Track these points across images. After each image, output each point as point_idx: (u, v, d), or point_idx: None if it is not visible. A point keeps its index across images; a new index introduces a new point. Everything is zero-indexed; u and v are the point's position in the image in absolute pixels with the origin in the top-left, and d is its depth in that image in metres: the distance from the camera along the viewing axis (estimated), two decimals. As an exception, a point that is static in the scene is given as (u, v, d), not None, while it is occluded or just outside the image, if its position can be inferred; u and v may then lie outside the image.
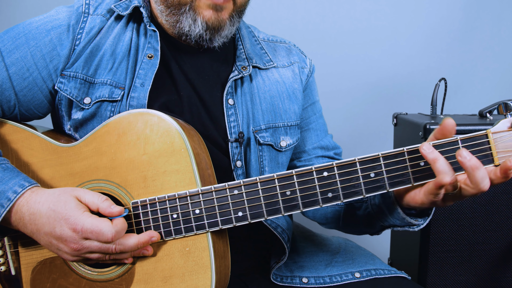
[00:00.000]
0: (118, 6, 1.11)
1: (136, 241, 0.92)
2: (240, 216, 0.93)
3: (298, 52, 1.30)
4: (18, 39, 1.06)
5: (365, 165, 0.90)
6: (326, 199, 0.91)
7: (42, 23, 1.07)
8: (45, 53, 1.06)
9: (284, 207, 0.92)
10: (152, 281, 0.96)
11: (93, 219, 0.89)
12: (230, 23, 1.08)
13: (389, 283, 1.05)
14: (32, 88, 1.07)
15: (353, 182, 0.90)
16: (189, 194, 0.94)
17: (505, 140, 0.87)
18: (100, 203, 0.91)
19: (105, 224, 0.89)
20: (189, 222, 0.94)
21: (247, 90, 1.16)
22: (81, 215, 0.89)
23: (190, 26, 1.05)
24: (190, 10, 1.04)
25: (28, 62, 1.05)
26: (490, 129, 0.88)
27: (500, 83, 2.38)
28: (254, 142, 1.13)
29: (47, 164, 1.02)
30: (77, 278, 1.00)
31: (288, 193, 0.92)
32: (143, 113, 0.98)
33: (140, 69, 1.08)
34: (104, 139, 1.00)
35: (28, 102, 1.08)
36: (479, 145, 0.87)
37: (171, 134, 0.96)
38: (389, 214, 1.02)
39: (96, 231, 0.88)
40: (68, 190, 0.93)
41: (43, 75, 1.06)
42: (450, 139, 0.88)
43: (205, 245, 0.94)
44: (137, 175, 0.97)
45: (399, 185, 0.90)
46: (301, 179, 0.91)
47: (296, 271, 1.11)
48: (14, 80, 1.05)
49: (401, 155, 0.89)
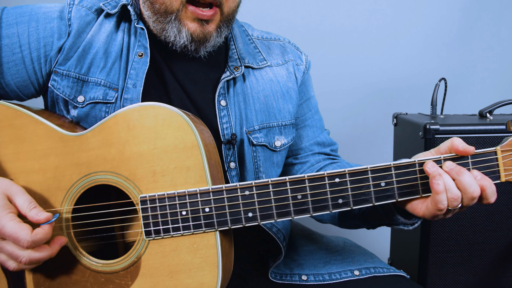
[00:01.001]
0: (107, 4, 1.10)
1: (49, 254, 0.92)
2: (250, 216, 0.94)
3: (293, 49, 1.28)
4: (21, 17, 1.08)
5: (376, 173, 0.92)
6: (336, 205, 0.93)
7: (50, 10, 1.09)
8: (41, 37, 1.07)
9: (294, 210, 0.93)
10: (158, 275, 0.96)
11: (14, 224, 0.87)
12: (217, 34, 1.07)
13: (388, 282, 1.08)
14: (18, 64, 1.07)
15: (364, 190, 0.92)
16: (200, 192, 0.94)
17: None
18: (28, 211, 0.90)
19: (24, 233, 0.87)
20: (199, 220, 0.95)
21: (240, 91, 1.15)
22: (4, 216, 0.88)
23: (176, 36, 1.05)
24: (176, 20, 1.03)
25: (23, 39, 1.07)
26: (499, 146, 0.90)
27: (500, 83, 2.40)
28: (247, 143, 1.13)
29: (53, 152, 1.00)
30: (81, 268, 0.99)
31: (299, 196, 0.93)
32: (155, 106, 0.97)
33: (132, 69, 1.08)
34: (113, 131, 0.98)
35: (11, 76, 1.08)
36: (487, 161, 0.90)
37: (183, 130, 0.95)
38: (385, 217, 1.04)
39: (14, 236, 0.87)
40: (3, 186, 0.92)
41: (33, 56, 1.07)
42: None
43: (213, 243, 0.95)
44: (146, 169, 0.96)
45: (408, 196, 0.92)
46: (312, 184, 0.93)
47: (295, 269, 1.14)
48: (4, 51, 1.06)
49: (411, 166, 0.91)
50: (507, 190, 1.62)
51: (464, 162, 0.90)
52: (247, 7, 1.13)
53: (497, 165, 0.90)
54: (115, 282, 0.98)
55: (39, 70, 1.08)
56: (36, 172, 1.00)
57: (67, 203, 0.99)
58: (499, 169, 0.90)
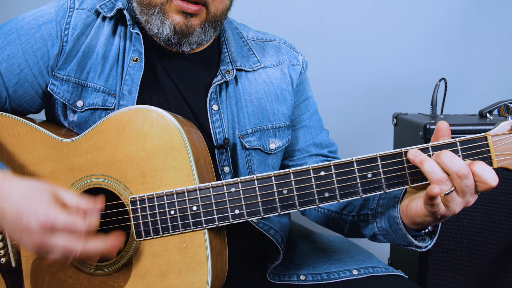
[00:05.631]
0: (104, 6, 1.11)
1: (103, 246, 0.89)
2: (236, 213, 0.94)
3: (288, 50, 1.26)
4: (10, 35, 1.08)
5: (362, 165, 0.90)
6: (323, 199, 0.91)
7: (33, 18, 1.08)
8: (36, 49, 1.07)
9: (280, 206, 0.92)
10: (149, 276, 0.96)
11: (65, 215, 0.85)
12: (202, 31, 1.07)
13: (386, 281, 1.05)
14: (23, 84, 1.08)
15: (350, 182, 0.90)
16: (187, 191, 0.95)
17: (505, 142, 0.86)
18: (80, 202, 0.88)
19: (78, 220, 0.86)
20: (187, 219, 0.95)
21: (232, 94, 1.14)
22: (53, 209, 0.85)
23: (159, 28, 1.05)
24: (159, 13, 1.04)
25: (19, 58, 1.07)
26: (490, 131, 0.87)
27: (500, 83, 2.38)
28: (240, 147, 1.13)
29: (48, 158, 1.03)
30: (76, 271, 1.01)
31: (285, 191, 0.92)
32: (143, 109, 0.99)
33: (127, 75, 1.08)
34: (104, 135, 1.00)
35: (19, 98, 1.10)
36: (478, 147, 0.87)
37: (170, 131, 0.97)
38: (396, 238, 1.00)
39: (70, 225, 0.84)
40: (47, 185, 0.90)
41: (34, 71, 1.08)
42: (449, 141, 0.87)
43: (201, 242, 0.95)
44: (136, 171, 0.98)
45: (396, 186, 0.89)
46: (298, 178, 0.91)
47: (293, 269, 1.11)
48: (5, 76, 1.07)
49: (399, 155, 0.89)
50: (507, 190, 1.61)
51: (454, 149, 0.87)
52: (247, 7, 1.14)
53: (488, 150, 0.86)
54: (108, 284, 0.99)
55: (43, 83, 1.09)
56: (32, 178, 1.03)
57: (62, 207, 1.02)
58: (491, 155, 0.86)
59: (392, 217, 0.96)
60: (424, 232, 0.98)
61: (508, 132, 0.86)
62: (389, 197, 0.99)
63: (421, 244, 0.97)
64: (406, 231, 0.95)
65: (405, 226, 0.95)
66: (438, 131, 0.89)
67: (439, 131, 0.89)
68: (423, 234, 0.99)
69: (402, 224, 0.95)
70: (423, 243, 0.98)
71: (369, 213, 1.04)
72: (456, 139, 0.87)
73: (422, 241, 0.98)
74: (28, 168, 1.03)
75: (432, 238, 0.98)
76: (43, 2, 1.13)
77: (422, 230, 0.98)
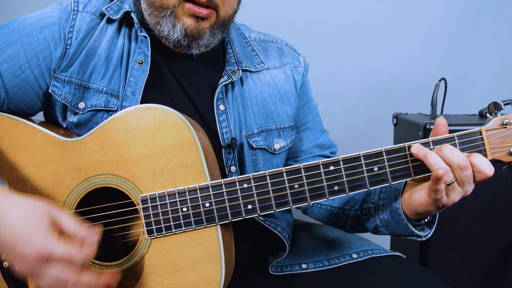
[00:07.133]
0: (109, 9, 1.10)
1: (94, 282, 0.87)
2: (249, 208, 0.97)
3: (290, 52, 1.29)
4: (11, 36, 1.06)
5: (369, 159, 0.95)
6: (333, 192, 0.96)
7: (36, 19, 1.07)
8: (38, 51, 1.06)
9: (292, 200, 0.96)
10: (161, 273, 0.97)
11: (63, 245, 0.83)
12: (211, 34, 1.08)
13: (385, 261, 1.10)
14: (24, 86, 1.07)
15: (358, 175, 0.95)
16: (199, 188, 0.97)
17: (497, 136, 0.94)
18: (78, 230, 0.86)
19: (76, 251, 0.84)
20: (199, 215, 0.96)
21: (238, 94, 1.16)
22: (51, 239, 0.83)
23: (170, 30, 1.06)
24: (171, 15, 1.05)
25: (20, 59, 1.05)
26: (483, 126, 0.95)
27: (500, 83, 2.40)
28: (247, 147, 1.15)
29: (51, 159, 1.01)
30: (84, 270, 1.00)
31: (296, 186, 0.96)
32: (151, 108, 0.99)
33: (131, 77, 1.08)
34: (111, 134, 1.00)
35: (18, 100, 1.08)
36: (473, 141, 0.94)
37: (179, 129, 0.98)
38: (397, 228, 1.05)
39: (67, 256, 0.83)
40: (45, 208, 0.86)
41: (36, 74, 1.06)
42: (447, 136, 0.94)
43: (214, 237, 0.97)
44: (145, 169, 0.98)
45: (400, 178, 0.95)
46: (308, 173, 0.96)
47: (294, 259, 1.15)
48: (6, 77, 1.05)
49: (402, 150, 0.95)
50: (507, 190, 1.62)
51: (452, 143, 0.94)
52: (247, 7, 1.13)
53: (483, 144, 0.94)
54: (119, 283, 0.99)
55: (44, 85, 1.07)
56: (36, 179, 1.01)
57: (68, 207, 1.00)
58: (485, 148, 0.94)
59: (394, 209, 1.03)
60: (424, 222, 1.05)
61: (499, 126, 0.94)
62: (390, 190, 1.05)
63: (421, 233, 1.04)
64: (408, 221, 1.02)
65: (407, 217, 1.02)
66: (437, 127, 0.95)
67: (438, 127, 0.95)
68: (423, 223, 1.05)
69: (404, 214, 1.01)
70: (422, 233, 1.04)
71: (371, 206, 1.10)
72: (454, 134, 0.94)
73: (422, 230, 1.05)
74: (30, 169, 1.01)
75: (431, 227, 1.05)
76: (43, 2, 1.10)
77: (422, 220, 1.05)
